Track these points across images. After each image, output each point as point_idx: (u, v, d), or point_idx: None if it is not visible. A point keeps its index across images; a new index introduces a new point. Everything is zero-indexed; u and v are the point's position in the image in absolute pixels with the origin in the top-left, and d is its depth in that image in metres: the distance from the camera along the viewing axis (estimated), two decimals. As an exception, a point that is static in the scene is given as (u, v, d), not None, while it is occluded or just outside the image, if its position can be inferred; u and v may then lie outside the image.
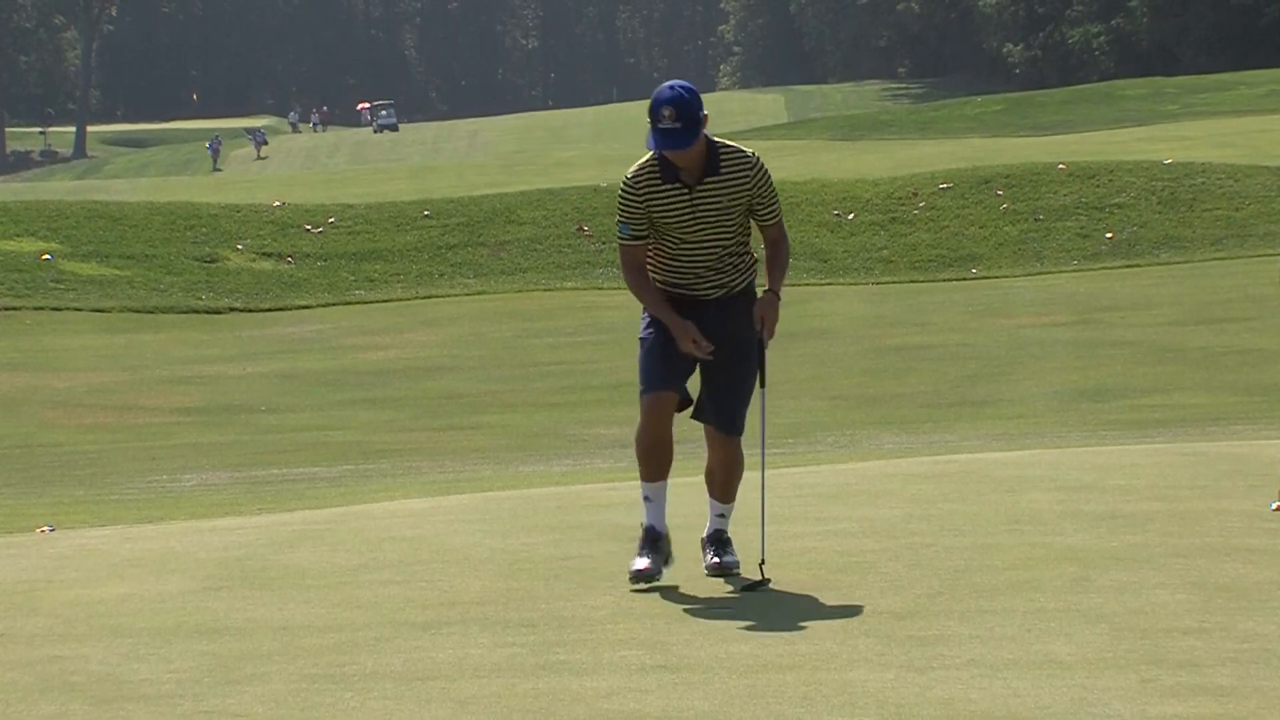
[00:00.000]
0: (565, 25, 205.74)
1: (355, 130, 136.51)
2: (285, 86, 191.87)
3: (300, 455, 19.78)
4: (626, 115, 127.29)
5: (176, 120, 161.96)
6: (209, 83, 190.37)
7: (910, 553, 8.47)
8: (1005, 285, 37.47)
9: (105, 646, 7.27)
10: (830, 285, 38.48)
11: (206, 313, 38.53)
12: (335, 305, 39.45)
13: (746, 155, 7.98)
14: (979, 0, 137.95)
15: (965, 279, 39.49)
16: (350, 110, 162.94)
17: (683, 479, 8.05)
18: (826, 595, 7.65)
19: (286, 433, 22.82)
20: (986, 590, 7.62)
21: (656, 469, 7.89)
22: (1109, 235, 42.94)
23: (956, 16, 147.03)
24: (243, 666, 6.84)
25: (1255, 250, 38.29)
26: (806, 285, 37.16)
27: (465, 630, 7.29)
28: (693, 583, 7.91)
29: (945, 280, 39.55)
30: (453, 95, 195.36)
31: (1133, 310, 31.12)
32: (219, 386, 28.11)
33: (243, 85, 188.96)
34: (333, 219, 46.87)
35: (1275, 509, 9.30)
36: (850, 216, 45.39)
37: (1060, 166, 48.00)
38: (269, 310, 39.04)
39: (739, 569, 8.11)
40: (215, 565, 9.08)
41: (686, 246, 7.91)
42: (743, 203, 7.92)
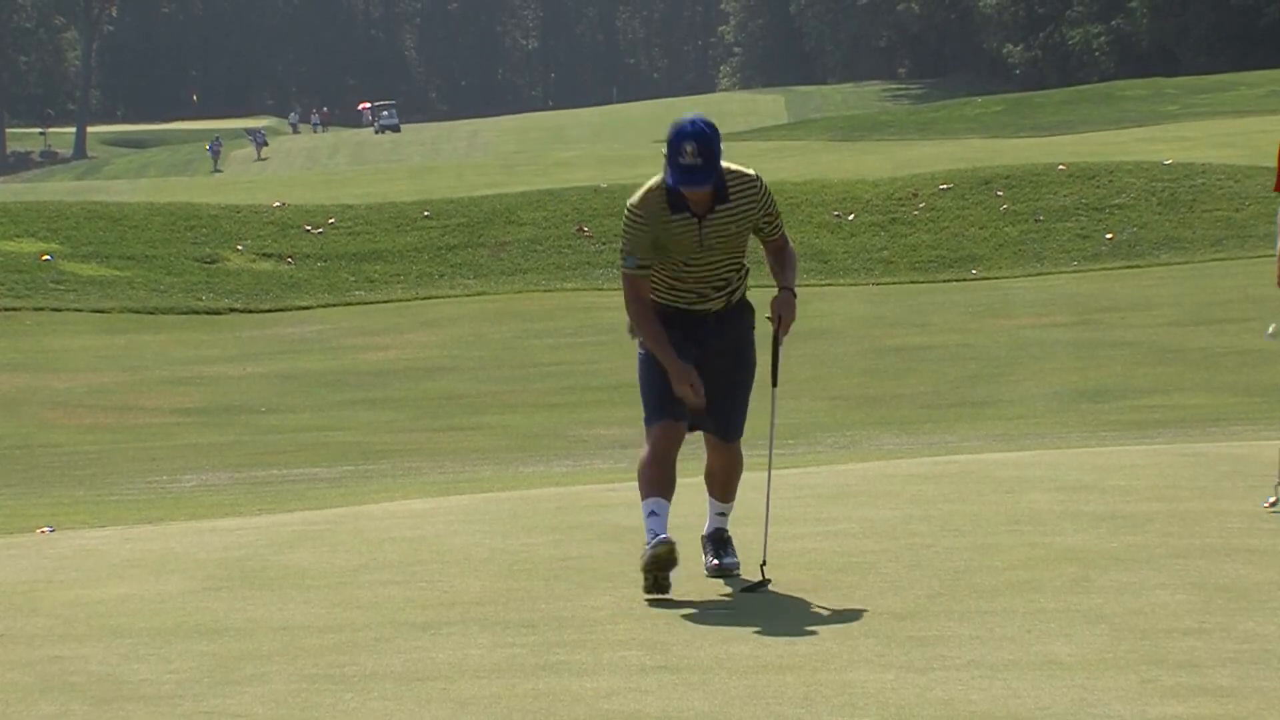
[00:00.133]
0: (565, 25, 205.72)
1: (355, 131, 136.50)
2: (285, 87, 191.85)
3: (300, 456, 19.78)
4: (626, 115, 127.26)
5: (176, 121, 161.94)
6: (209, 83, 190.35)
7: (910, 553, 8.47)
8: (1005, 286, 37.46)
9: (105, 646, 7.27)
10: (830, 286, 38.47)
11: (206, 313, 38.53)
12: (335, 306, 39.44)
13: (752, 179, 7.88)
14: (979, 0, 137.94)
15: (965, 280, 39.49)
16: (350, 110, 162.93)
17: (682, 479, 8.03)
18: (826, 596, 7.65)
19: (286, 433, 22.81)
20: (986, 591, 7.62)
21: (664, 488, 7.87)
22: (1109, 236, 42.94)
23: (956, 17, 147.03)
24: (243, 667, 6.84)
25: (1255, 251, 38.25)
26: (806, 286, 36.98)
27: (465, 631, 7.29)
28: (693, 583, 7.91)
29: (945, 281, 39.55)
30: (453, 95, 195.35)
31: (1133, 311, 31.12)
32: (219, 387, 28.11)
33: (243, 85, 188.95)
34: (333, 219, 46.87)
35: (1266, 506, 9.32)
36: (850, 217, 45.39)
37: (1060, 167, 48.00)
38: (269, 311, 39.04)
39: (739, 570, 8.12)
40: (215, 565, 9.08)
41: (692, 269, 7.88)
42: (750, 225, 7.90)
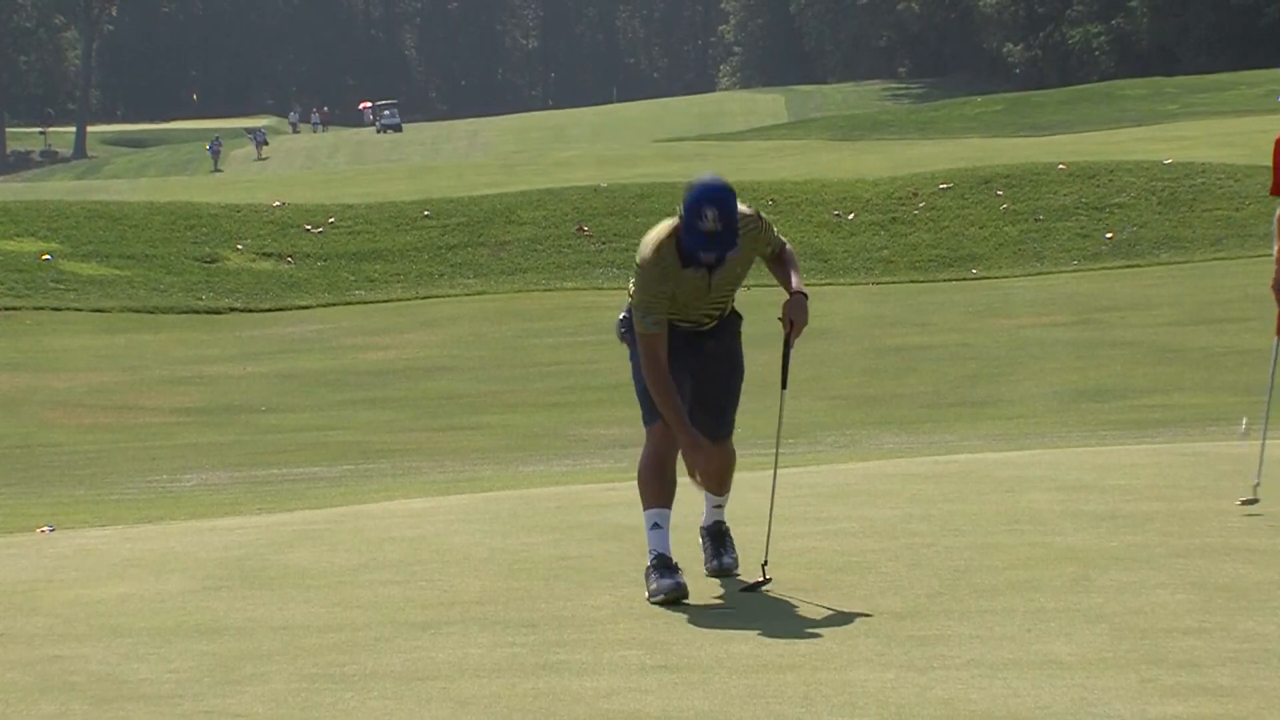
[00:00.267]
0: (565, 25, 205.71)
1: (355, 130, 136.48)
2: (285, 86, 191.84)
3: (300, 455, 19.78)
4: (626, 115, 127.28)
5: (176, 120, 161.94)
6: (209, 83, 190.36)
7: (910, 553, 8.47)
8: (1005, 285, 37.47)
9: (105, 646, 7.28)
10: (830, 285, 38.46)
11: (206, 313, 38.53)
12: (335, 305, 39.44)
13: (753, 220, 7.85)
14: (979, 0, 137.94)
15: (965, 279, 39.49)
16: (350, 110, 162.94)
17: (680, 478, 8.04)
18: (826, 595, 7.65)
19: (286, 433, 22.81)
20: (986, 590, 7.62)
21: (665, 495, 7.89)
22: (1109, 235, 42.94)
23: (956, 16, 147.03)
24: (243, 666, 6.85)
25: (1255, 250, 38.25)
26: (806, 285, 37.04)
27: (465, 630, 7.29)
28: (693, 583, 7.91)
29: (945, 280, 39.55)
30: (453, 95, 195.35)
31: (1133, 310, 31.11)
32: (219, 386, 28.11)
33: (243, 85, 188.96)
34: (333, 219, 46.87)
35: (1240, 503, 9.31)
36: (850, 216, 45.39)
37: (1060, 166, 48.00)
38: (269, 310, 39.05)
39: (738, 570, 8.12)
40: (215, 565, 9.08)
41: (695, 306, 7.90)
42: (753, 260, 7.91)
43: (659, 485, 7.87)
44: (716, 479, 8.14)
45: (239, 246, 44.59)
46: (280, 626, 7.52)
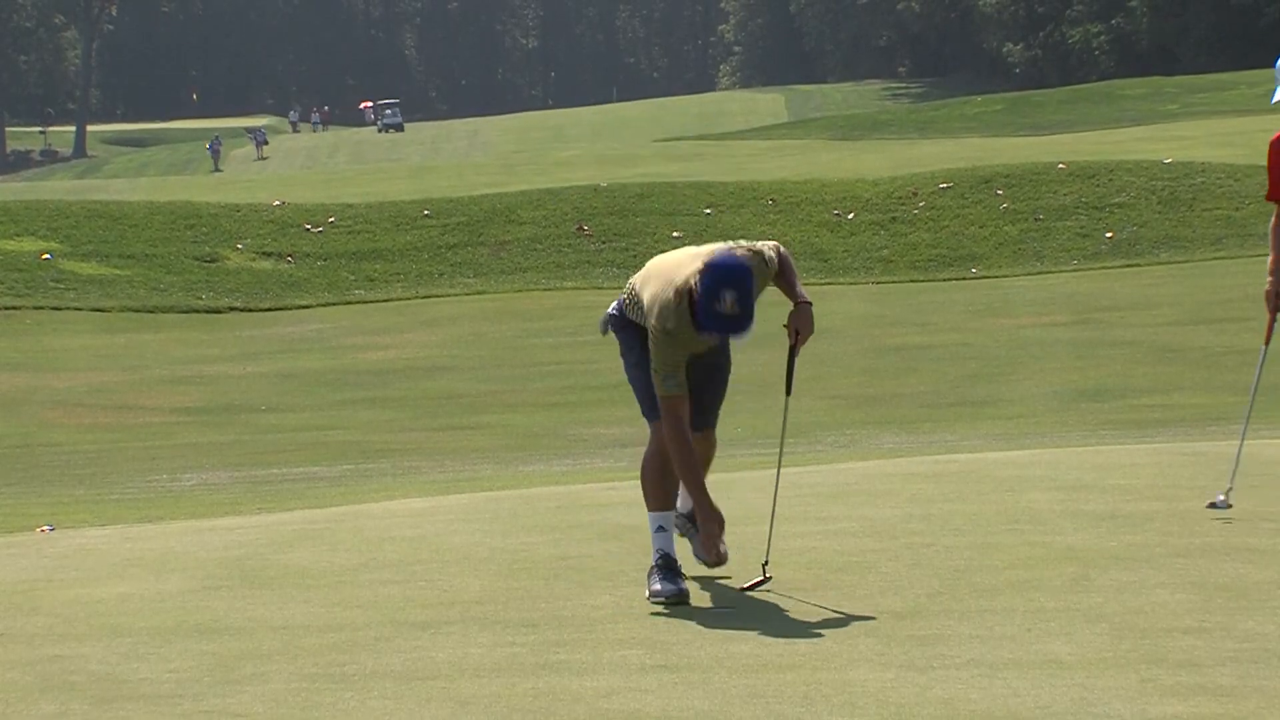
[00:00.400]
0: (565, 25, 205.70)
1: (355, 130, 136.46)
2: (285, 86, 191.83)
3: (300, 455, 19.78)
4: (626, 115, 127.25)
5: (176, 120, 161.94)
6: (209, 83, 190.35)
7: (910, 552, 8.47)
8: (1005, 285, 37.46)
9: (105, 646, 7.28)
10: (830, 285, 38.45)
11: (206, 312, 38.53)
12: (335, 305, 39.44)
13: (758, 260, 7.81)
14: (979, 0, 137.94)
15: (965, 279, 39.49)
16: (350, 110, 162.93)
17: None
18: (826, 595, 7.65)
19: (286, 432, 22.82)
20: (986, 590, 7.62)
21: (671, 498, 7.90)
22: (1109, 235, 42.94)
23: (956, 16, 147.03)
24: (243, 666, 6.85)
25: (1255, 250, 38.23)
26: (806, 285, 37.00)
27: (465, 630, 7.29)
28: (693, 583, 7.91)
29: (945, 280, 39.55)
30: (453, 95, 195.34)
31: (1133, 310, 31.11)
32: (219, 386, 28.11)
33: (243, 85, 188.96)
34: (333, 219, 46.86)
35: (1208, 506, 9.25)
36: (850, 216, 45.38)
37: (1060, 166, 47.99)
38: (269, 310, 39.05)
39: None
40: (215, 565, 9.08)
41: (707, 351, 7.91)
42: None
43: (663, 487, 7.86)
44: (703, 465, 8.14)
45: (239, 246, 44.59)
46: (280, 626, 7.52)
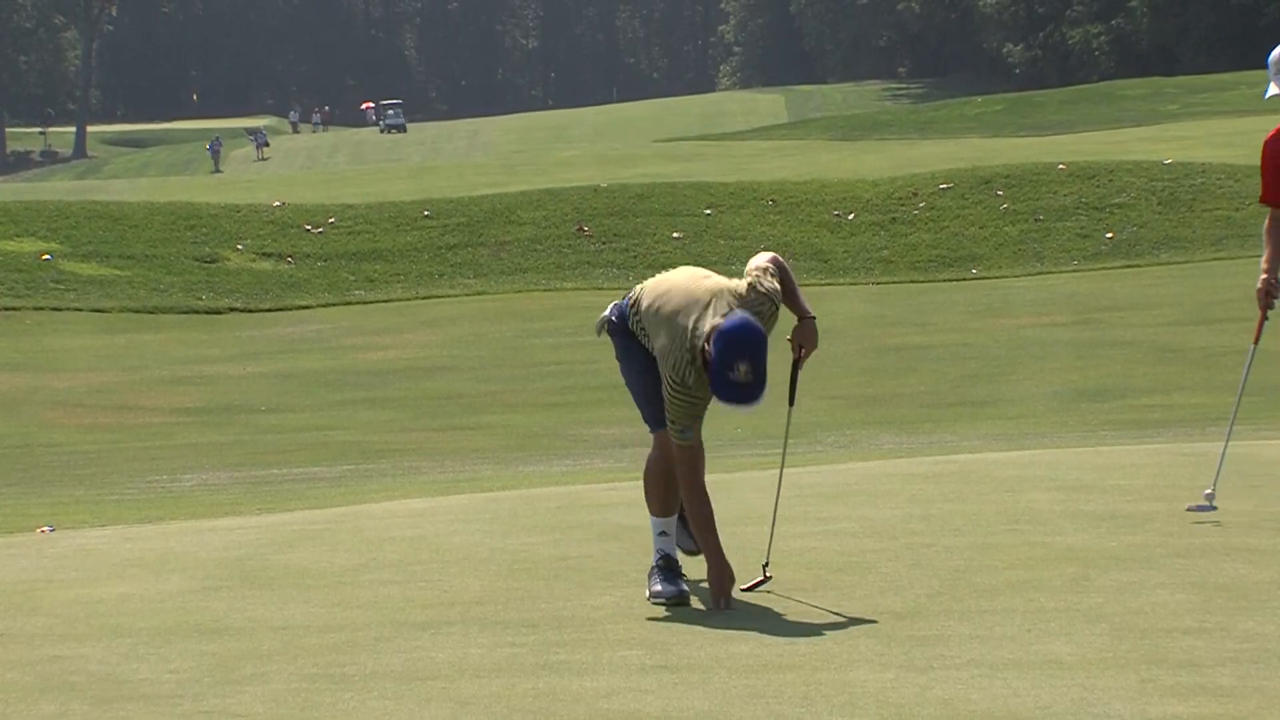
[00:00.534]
0: (565, 25, 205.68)
1: (355, 130, 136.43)
2: (285, 86, 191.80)
3: (300, 455, 19.78)
4: (626, 115, 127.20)
5: (176, 120, 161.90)
6: (209, 83, 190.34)
7: (910, 553, 8.47)
8: (1005, 285, 37.46)
9: (105, 646, 7.28)
10: (830, 285, 38.46)
11: (206, 313, 38.53)
12: (335, 305, 39.45)
13: (768, 304, 7.72)
14: (979, 0, 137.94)
15: (965, 279, 39.49)
16: (350, 110, 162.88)
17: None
18: (826, 595, 7.65)
19: (286, 433, 22.82)
20: (986, 590, 7.62)
21: (674, 504, 7.89)
22: (1109, 235, 42.94)
23: (956, 16, 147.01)
24: (243, 666, 6.85)
25: (1255, 251, 38.01)
26: (806, 285, 37.02)
27: (465, 630, 7.29)
28: (693, 583, 7.91)
29: (945, 280, 39.55)
30: (453, 95, 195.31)
31: (1133, 310, 31.11)
32: (219, 386, 28.11)
33: (243, 85, 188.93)
34: (333, 219, 46.86)
35: (1188, 509, 9.22)
36: (850, 217, 45.37)
37: (1060, 166, 47.99)
38: (269, 310, 39.05)
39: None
40: (215, 565, 9.09)
41: None
42: None
43: (667, 493, 7.86)
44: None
45: (239, 246, 44.59)
46: (280, 626, 7.52)
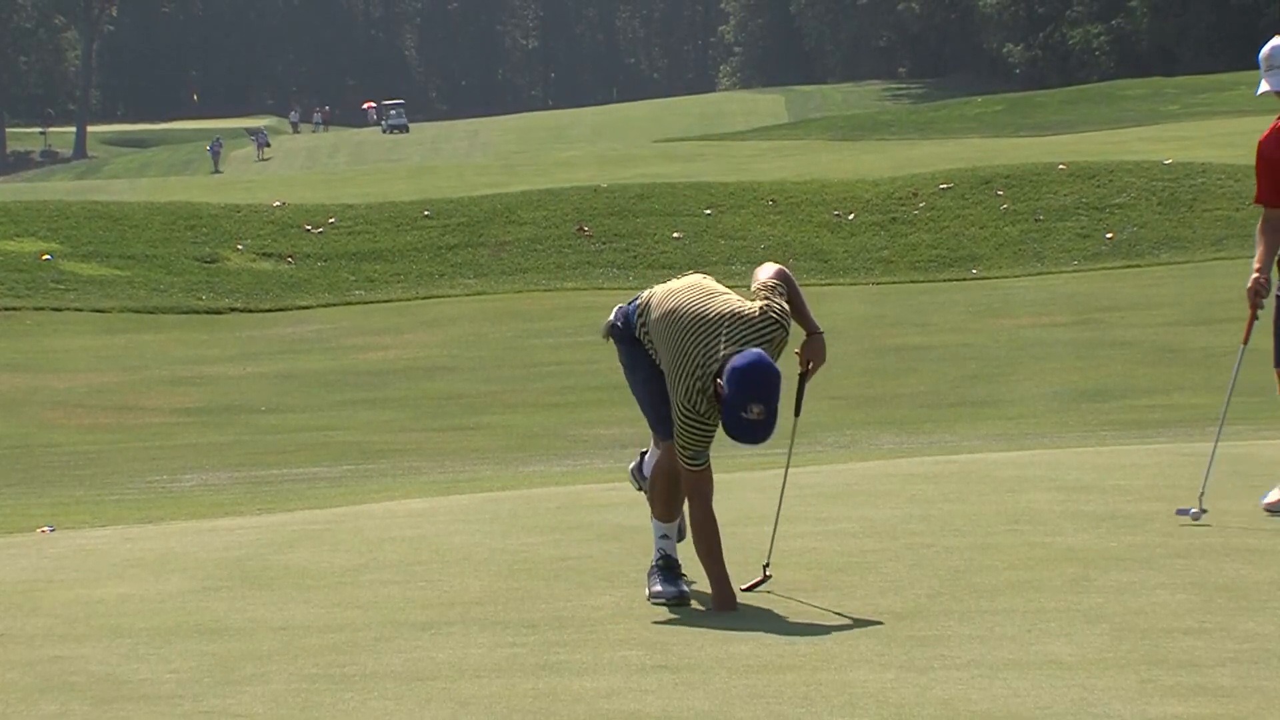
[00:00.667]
0: (565, 25, 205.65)
1: (356, 130, 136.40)
2: (285, 86, 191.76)
3: (300, 455, 19.78)
4: (627, 115, 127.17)
5: (177, 120, 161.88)
6: (209, 83, 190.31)
7: (910, 553, 8.47)
8: (1005, 286, 37.47)
9: (105, 646, 7.27)
10: (830, 285, 38.47)
11: (207, 313, 38.53)
12: (335, 305, 39.45)
13: (779, 330, 7.70)
14: (979, 0, 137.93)
15: (965, 279, 39.49)
16: (351, 110, 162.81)
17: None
18: (826, 595, 7.65)
19: (286, 433, 22.82)
20: (987, 590, 7.62)
21: (678, 510, 7.91)
22: (1109, 235, 42.94)
23: (957, 16, 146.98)
24: (243, 667, 6.84)
25: (1254, 250, 38.23)
26: (807, 286, 36.96)
27: (465, 630, 7.29)
28: (692, 581, 7.91)
29: (945, 280, 39.55)
30: (453, 95, 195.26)
31: (1133, 310, 31.12)
32: (219, 387, 28.11)
33: (243, 85, 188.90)
34: (333, 219, 46.86)
35: (1177, 512, 9.14)
36: (850, 217, 45.37)
37: (1060, 167, 47.99)
38: (269, 310, 39.04)
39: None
40: (215, 565, 9.08)
41: None
42: None
43: (672, 498, 7.86)
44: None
45: (239, 247, 44.59)
46: (280, 627, 7.51)
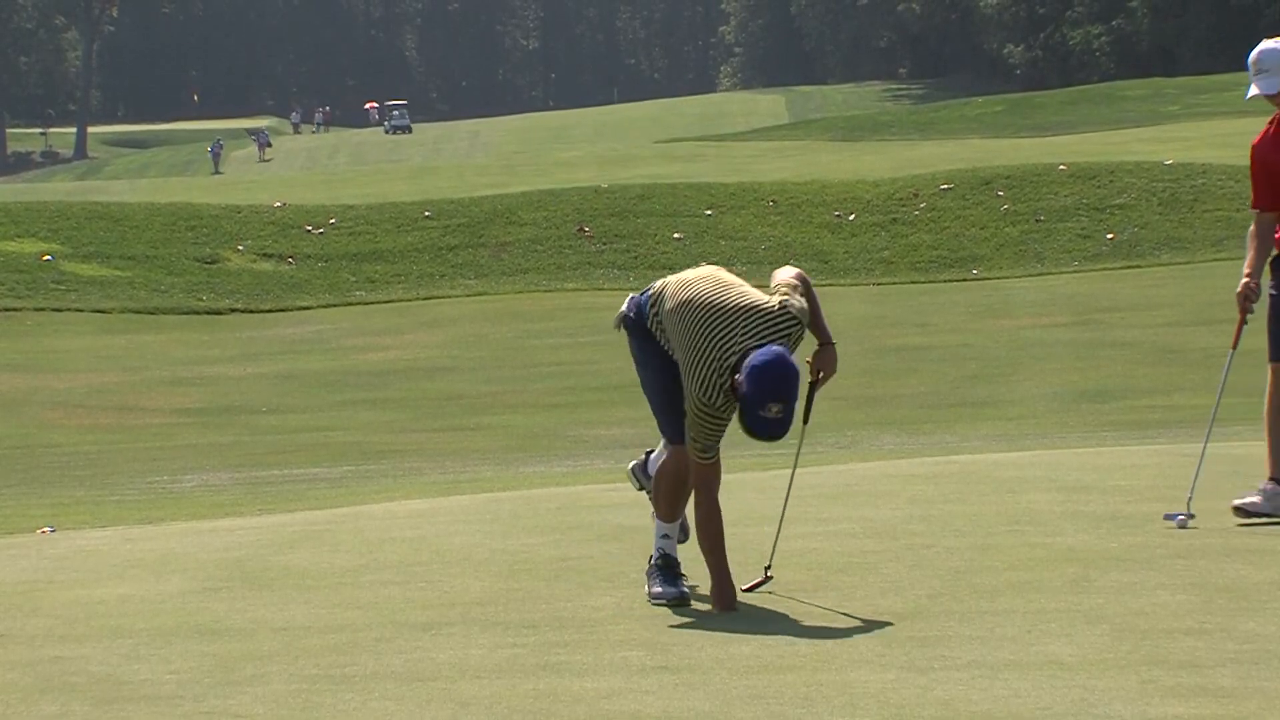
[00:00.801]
0: (565, 26, 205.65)
1: (356, 131, 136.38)
2: (285, 86, 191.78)
3: (300, 456, 19.78)
4: (627, 116, 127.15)
5: (177, 121, 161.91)
6: (209, 83, 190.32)
7: (911, 553, 8.47)
8: (1006, 286, 37.47)
9: (105, 647, 7.27)
10: (831, 286, 38.44)
11: (207, 313, 38.54)
12: (336, 306, 39.46)
13: (795, 325, 7.69)
14: (979, 1, 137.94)
15: (966, 280, 39.50)
16: (351, 110, 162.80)
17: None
18: (827, 595, 7.65)
19: (287, 433, 22.82)
20: (987, 591, 7.62)
21: (680, 511, 7.91)
22: (1110, 236, 42.95)
23: (957, 17, 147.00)
24: (243, 667, 6.84)
25: (1256, 251, 38.20)
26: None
27: (466, 631, 7.29)
28: (693, 584, 7.91)
29: (946, 281, 39.56)
30: (453, 96, 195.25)
31: (1133, 311, 31.12)
32: (219, 387, 28.12)
33: (243, 85, 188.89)
34: (333, 220, 46.87)
35: (1165, 517, 9.10)
36: (851, 217, 45.38)
37: (1061, 167, 47.99)
38: (270, 311, 39.05)
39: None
40: (215, 566, 9.09)
41: None
42: None
43: (677, 500, 7.87)
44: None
45: (240, 247, 44.60)
46: (281, 627, 7.52)
